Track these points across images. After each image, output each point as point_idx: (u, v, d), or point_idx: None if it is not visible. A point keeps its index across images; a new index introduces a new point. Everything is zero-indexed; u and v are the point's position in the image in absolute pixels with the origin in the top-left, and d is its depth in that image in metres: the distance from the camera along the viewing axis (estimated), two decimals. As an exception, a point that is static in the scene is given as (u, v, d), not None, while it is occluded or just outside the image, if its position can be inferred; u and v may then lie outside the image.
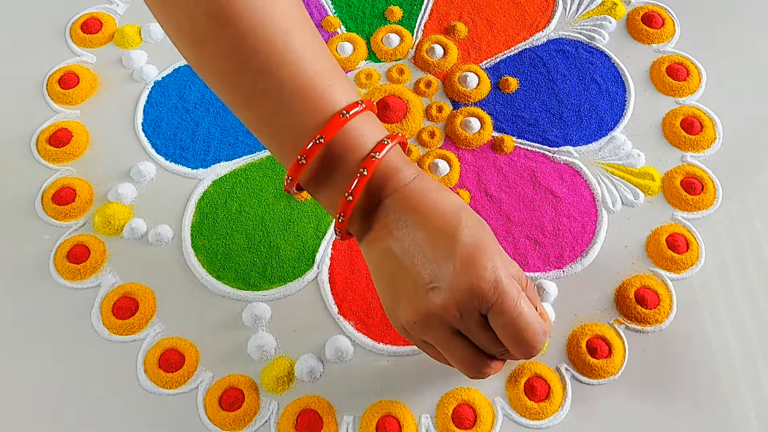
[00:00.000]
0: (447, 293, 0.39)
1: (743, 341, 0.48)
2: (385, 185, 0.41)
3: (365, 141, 0.41)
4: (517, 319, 0.39)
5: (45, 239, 0.53)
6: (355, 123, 0.40)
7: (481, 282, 0.39)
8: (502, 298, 0.39)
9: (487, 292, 0.39)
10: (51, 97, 0.60)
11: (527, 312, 0.40)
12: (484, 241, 0.40)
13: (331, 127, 0.39)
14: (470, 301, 0.39)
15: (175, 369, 0.48)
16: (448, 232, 0.40)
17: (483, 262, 0.39)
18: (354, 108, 0.40)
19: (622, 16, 0.62)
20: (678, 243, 0.51)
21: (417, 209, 0.41)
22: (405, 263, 0.40)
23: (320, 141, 0.39)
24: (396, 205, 0.41)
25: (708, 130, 0.56)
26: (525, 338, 0.40)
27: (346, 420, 0.47)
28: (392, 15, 0.62)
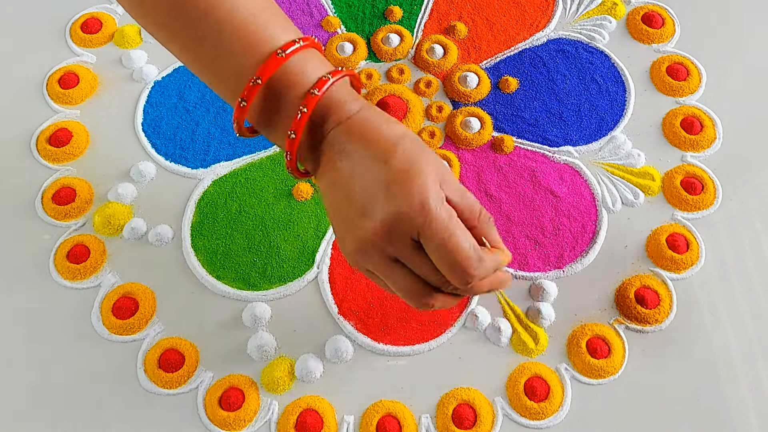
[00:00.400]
0: (376, 219, 0.38)
1: (743, 341, 0.48)
2: (327, 119, 0.41)
3: (306, 78, 0.40)
4: (447, 242, 0.38)
5: (45, 239, 0.53)
6: (294, 61, 0.40)
7: (408, 205, 0.38)
8: (429, 221, 0.38)
9: (414, 215, 0.38)
10: (51, 97, 0.60)
11: (458, 235, 0.38)
12: (417, 165, 0.39)
13: (268, 67, 0.39)
14: (398, 225, 0.38)
15: (175, 369, 0.48)
16: (382, 157, 0.39)
17: (410, 186, 0.38)
18: (291, 46, 0.40)
19: (622, 16, 0.62)
20: (678, 243, 0.51)
21: (359, 139, 0.40)
22: (347, 192, 0.40)
23: (258, 82, 0.39)
24: (339, 136, 0.40)
25: (708, 130, 0.56)
26: (457, 261, 0.38)
27: (346, 420, 0.47)
28: (392, 15, 0.62)
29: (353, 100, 0.41)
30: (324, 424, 0.46)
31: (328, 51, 0.61)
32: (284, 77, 0.40)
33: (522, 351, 0.48)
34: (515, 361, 0.48)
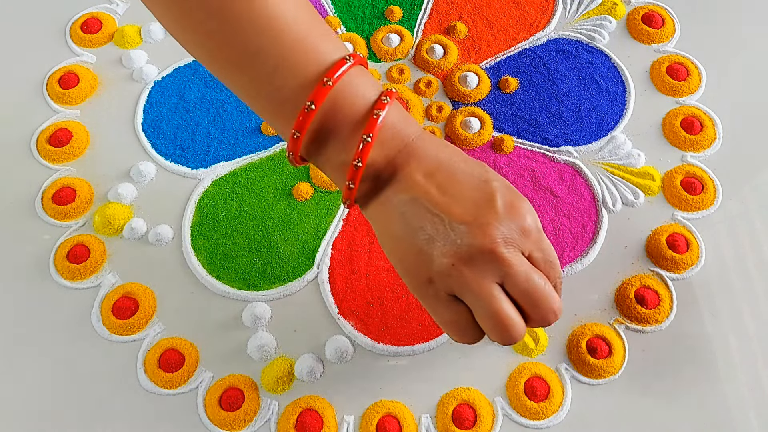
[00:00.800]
0: (491, 230, 0.37)
1: (743, 341, 0.48)
2: (395, 137, 0.39)
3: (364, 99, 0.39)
4: (553, 254, 0.40)
5: (45, 239, 0.53)
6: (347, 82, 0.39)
7: (526, 220, 0.39)
8: (542, 236, 0.40)
9: (532, 229, 0.39)
10: (51, 97, 0.60)
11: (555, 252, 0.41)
12: (515, 188, 0.40)
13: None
14: (515, 238, 0.38)
15: (175, 369, 0.48)
16: (480, 177, 0.39)
17: (524, 205, 0.39)
18: (354, 56, 0.39)
19: (622, 16, 0.62)
20: (678, 243, 0.51)
21: (437, 158, 0.39)
22: (435, 209, 0.38)
23: (328, 84, 0.38)
24: (410, 158, 0.39)
25: (708, 130, 0.56)
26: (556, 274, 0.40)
27: (346, 420, 0.47)
28: (392, 15, 0.62)
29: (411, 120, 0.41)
30: (324, 424, 0.46)
31: (328, 51, 0.61)
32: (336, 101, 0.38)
33: (522, 351, 0.48)
34: (515, 361, 0.48)
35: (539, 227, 0.40)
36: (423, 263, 0.38)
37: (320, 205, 0.54)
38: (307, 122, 0.38)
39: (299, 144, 0.39)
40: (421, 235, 0.38)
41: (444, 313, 0.39)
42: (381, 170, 0.40)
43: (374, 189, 0.40)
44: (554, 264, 0.40)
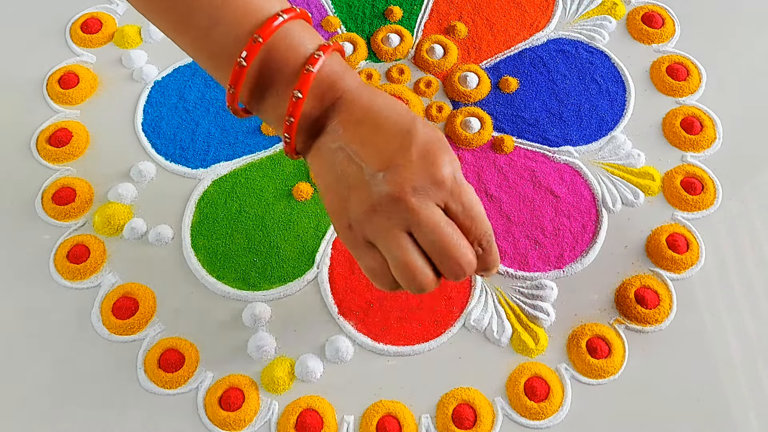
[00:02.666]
0: (400, 177, 0.38)
1: (743, 341, 0.48)
2: (330, 89, 0.40)
3: (306, 44, 0.40)
4: (475, 208, 0.39)
5: (45, 239, 0.53)
6: (290, 28, 0.39)
7: (441, 170, 0.38)
8: (462, 188, 0.39)
9: (447, 179, 0.38)
10: (51, 97, 0.60)
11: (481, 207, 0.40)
12: (441, 140, 0.39)
13: (268, 28, 0.38)
14: (426, 186, 0.38)
15: (175, 369, 0.48)
16: (402, 127, 0.39)
17: (442, 156, 0.39)
18: (289, 12, 0.39)
19: (622, 16, 0.62)
20: (678, 243, 0.51)
21: (368, 109, 0.40)
22: (355, 158, 0.39)
23: (258, 40, 0.38)
24: (344, 107, 0.40)
25: (708, 130, 0.56)
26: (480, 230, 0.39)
27: (346, 420, 0.47)
28: (392, 15, 0.62)
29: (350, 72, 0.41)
30: (324, 424, 0.46)
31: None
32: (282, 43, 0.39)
33: (522, 351, 0.48)
34: (515, 361, 0.48)
35: (458, 179, 0.39)
36: (344, 209, 0.39)
37: (320, 205, 0.54)
38: (241, 77, 0.39)
39: (236, 98, 0.40)
40: (344, 183, 0.39)
41: (362, 258, 0.40)
42: (316, 121, 0.41)
43: (311, 138, 0.41)
44: (476, 219, 0.39)
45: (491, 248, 0.41)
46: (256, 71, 0.40)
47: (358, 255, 0.40)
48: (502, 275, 0.51)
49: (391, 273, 0.39)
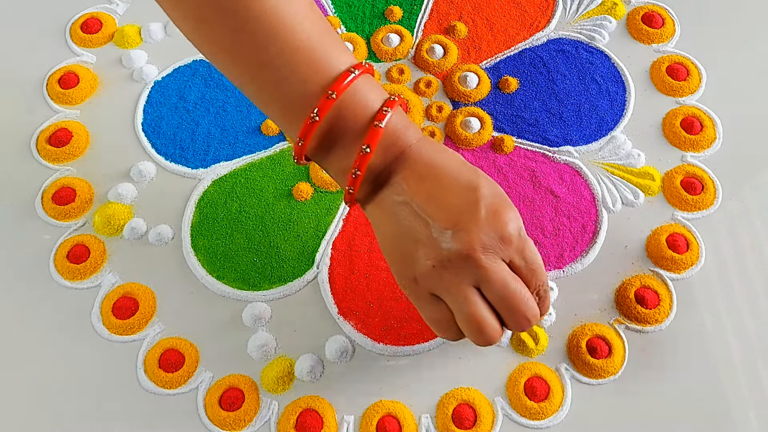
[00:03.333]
0: (470, 236, 0.39)
1: (743, 341, 0.48)
2: (395, 142, 0.41)
3: (372, 99, 0.41)
4: (536, 261, 0.41)
5: (45, 239, 0.53)
6: (360, 82, 0.41)
7: (508, 228, 0.40)
8: (526, 244, 0.41)
9: (513, 237, 0.40)
10: (51, 97, 0.60)
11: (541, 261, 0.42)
12: (504, 197, 0.41)
13: (341, 83, 0.40)
14: (495, 245, 0.39)
15: (175, 369, 0.48)
16: (469, 185, 0.40)
17: (508, 213, 0.40)
18: (359, 68, 0.41)
19: (622, 16, 0.62)
20: (678, 243, 0.51)
21: (431, 165, 0.41)
22: (421, 213, 0.40)
23: (332, 97, 0.39)
24: (408, 161, 0.41)
25: (708, 130, 0.56)
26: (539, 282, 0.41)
27: (346, 420, 0.47)
28: (392, 15, 0.62)
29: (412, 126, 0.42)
30: (324, 424, 0.46)
31: (328, 51, 0.61)
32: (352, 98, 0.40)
33: (522, 351, 0.48)
34: (515, 361, 0.48)
35: (522, 235, 0.41)
36: (409, 263, 0.41)
37: (320, 205, 0.54)
38: (311, 132, 0.40)
39: (303, 150, 0.41)
40: (410, 237, 0.40)
41: (427, 310, 0.41)
42: (379, 174, 0.42)
43: (373, 191, 0.42)
44: (537, 272, 0.41)
45: (547, 296, 0.43)
46: (326, 125, 0.41)
47: (422, 307, 0.42)
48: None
49: (456, 324, 0.41)
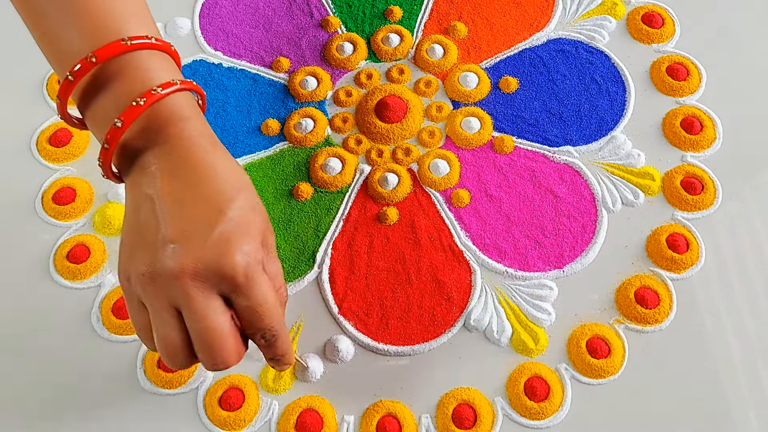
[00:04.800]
0: (188, 258, 0.36)
1: (743, 341, 0.48)
2: (164, 127, 0.38)
3: (151, 75, 0.39)
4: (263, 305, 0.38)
5: (45, 239, 0.53)
6: (141, 55, 0.39)
7: (232, 261, 0.36)
8: (252, 283, 0.37)
9: (237, 273, 0.36)
10: (51, 97, 0.60)
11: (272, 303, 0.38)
12: (249, 226, 0.38)
13: (107, 49, 0.38)
14: (209, 276, 0.36)
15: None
16: (217, 202, 0.37)
17: (241, 245, 0.37)
18: (140, 39, 0.39)
19: (622, 16, 0.62)
20: (678, 243, 0.51)
21: (196, 167, 0.38)
22: (159, 215, 0.37)
23: (91, 60, 0.38)
24: (173, 153, 0.38)
25: (708, 130, 0.56)
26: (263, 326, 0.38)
27: (346, 420, 0.47)
28: (392, 15, 0.62)
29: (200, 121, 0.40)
30: (324, 424, 0.46)
31: (328, 51, 0.61)
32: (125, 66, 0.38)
33: (522, 351, 0.48)
34: (515, 361, 0.48)
35: (251, 273, 0.37)
36: (130, 260, 0.38)
37: (320, 205, 0.54)
38: (68, 91, 0.39)
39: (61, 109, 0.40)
40: (141, 235, 0.38)
41: (132, 313, 0.39)
42: (136, 154, 0.39)
43: (130, 168, 0.40)
44: (261, 314, 0.38)
45: (276, 343, 0.39)
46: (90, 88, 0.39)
47: (129, 307, 0.39)
48: (502, 275, 0.51)
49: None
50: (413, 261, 0.51)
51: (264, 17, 0.63)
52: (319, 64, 0.60)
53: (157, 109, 0.38)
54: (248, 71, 0.60)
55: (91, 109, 0.40)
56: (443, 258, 0.51)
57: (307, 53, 0.61)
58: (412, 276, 0.51)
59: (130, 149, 0.39)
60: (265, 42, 0.62)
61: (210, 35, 0.63)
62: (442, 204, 0.54)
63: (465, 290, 0.50)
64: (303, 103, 0.59)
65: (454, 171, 0.55)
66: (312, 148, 0.56)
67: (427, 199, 0.54)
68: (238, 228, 0.37)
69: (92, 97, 0.39)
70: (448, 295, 0.50)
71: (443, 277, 0.51)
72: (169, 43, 0.40)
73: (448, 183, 0.54)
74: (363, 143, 0.56)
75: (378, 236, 0.53)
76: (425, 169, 0.55)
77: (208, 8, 0.64)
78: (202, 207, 0.37)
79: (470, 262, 0.51)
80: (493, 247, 0.52)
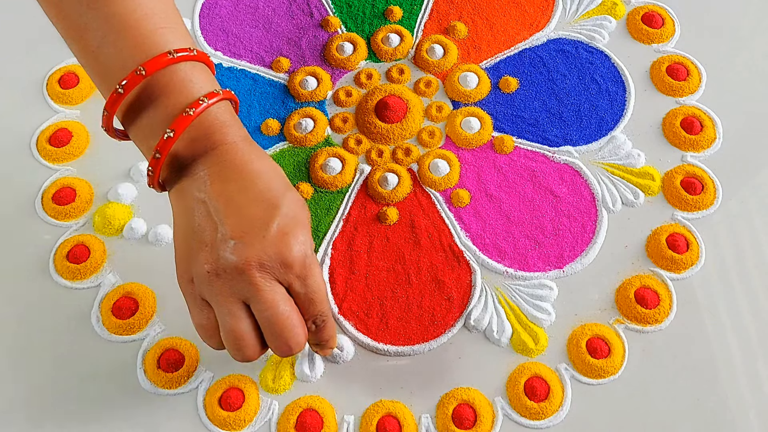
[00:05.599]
0: (251, 251, 0.38)
1: (743, 341, 0.48)
2: (211, 135, 0.40)
3: (197, 86, 0.40)
4: (318, 292, 0.41)
5: (45, 239, 0.53)
6: (185, 67, 0.40)
7: (292, 252, 0.39)
8: (309, 271, 0.40)
9: (296, 262, 0.39)
10: (51, 97, 0.60)
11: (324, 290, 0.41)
12: (302, 220, 0.40)
13: (155, 62, 0.39)
14: (274, 266, 0.39)
15: (175, 369, 0.48)
16: (271, 200, 0.40)
17: (297, 236, 0.39)
18: (183, 52, 0.40)
19: (622, 15, 0.62)
20: (678, 243, 0.51)
21: (244, 169, 0.40)
22: (215, 215, 0.39)
23: (141, 73, 0.39)
24: (221, 158, 0.40)
25: (708, 130, 0.56)
26: (316, 312, 0.41)
27: (346, 420, 0.47)
28: (392, 15, 0.62)
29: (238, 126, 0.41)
30: (324, 424, 0.46)
31: (328, 51, 0.61)
32: (169, 79, 0.40)
33: (522, 351, 0.48)
34: (515, 361, 0.48)
35: (308, 262, 0.40)
36: (190, 262, 0.40)
37: (320, 205, 0.54)
38: (116, 105, 0.40)
39: (107, 122, 0.41)
40: (198, 237, 0.40)
41: (195, 314, 0.41)
42: (185, 163, 0.41)
43: (177, 178, 0.41)
44: (315, 301, 0.41)
45: (325, 327, 0.43)
46: (136, 101, 0.40)
47: (191, 309, 0.41)
48: (501, 275, 0.51)
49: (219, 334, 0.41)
50: (413, 261, 0.51)
51: (264, 17, 0.63)
52: (319, 64, 0.60)
53: (203, 118, 0.40)
54: (248, 71, 0.60)
55: (139, 121, 0.41)
56: (443, 258, 0.51)
57: (307, 53, 0.61)
58: (412, 276, 0.51)
59: (178, 158, 0.41)
60: (265, 42, 0.62)
61: (210, 35, 0.63)
62: (442, 204, 0.54)
63: (465, 290, 0.50)
64: (303, 103, 0.59)
65: (454, 171, 0.55)
66: (312, 148, 0.56)
67: (427, 199, 0.54)
68: (292, 221, 0.40)
69: (140, 109, 0.40)
70: (448, 295, 0.50)
71: (443, 277, 0.51)
72: (205, 53, 0.42)
73: (448, 183, 0.54)
74: (363, 143, 0.56)
75: (378, 236, 0.53)
76: (425, 169, 0.55)
77: (208, 8, 0.64)
78: (256, 205, 0.39)
79: (470, 262, 0.51)
80: (493, 247, 0.52)
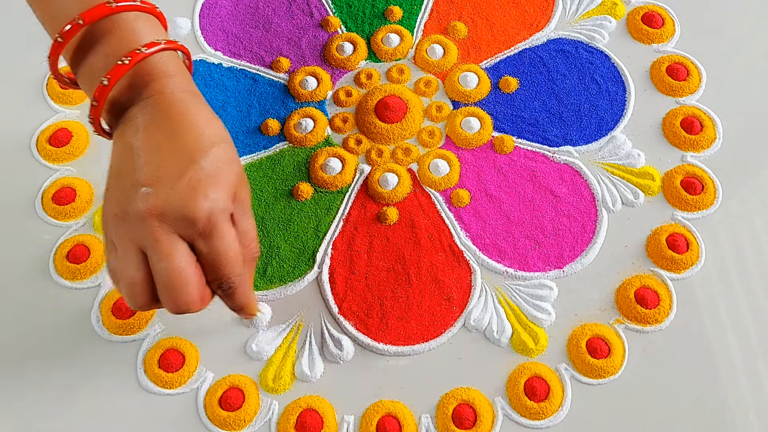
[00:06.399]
0: (157, 200, 0.38)
1: (743, 341, 0.48)
2: (149, 84, 0.41)
3: (136, 36, 0.41)
4: (223, 256, 0.39)
5: (45, 239, 0.53)
6: (127, 17, 0.41)
7: (196, 207, 0.38)
8: (214, 230, 0.39)
9: (199, 219, 0.38)
10: (51, 97, 0.60)
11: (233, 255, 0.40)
12: (220, 176, 0.39)
13: (93, 12, 0.40)
14: (176, 219, 0.38)
15: (175, 369, 0.48)
16: (192, 152, 0.39)
17: (207, 193, 0.38)
18: (125, 2, 0.41)
19: (622, 15, 0.62)
20: (678, 243, 0.51)
21: (175, 119, 0.40)
22: (136, 161, 0.39)
23: (78, 22, 0.40)
24: (156, 107, 0.40)
25: (708, 130, 0.56)
26: (221, 275, 0.40)
27: (346, 420, 0.47)
28: (392, 15, 0.62)
29: (184, 78, 0.42)
30: (324, 424, 0.46)
31: (328, 51, 0.61)
32: (111, 27, 0.40)
33: (522, 351, 0.48)
34: (515, 361, 0.48)
35: (214, 221, 0.38)
36: (107, 203, 0.40)
37: (320, 205, 0.54)
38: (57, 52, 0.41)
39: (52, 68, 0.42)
40: (120, 180, 0.40)
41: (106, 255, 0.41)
42: (124, 109, 0.41)
43: (117, 123, 0.42)
44: (220, 264, 0.39)
45: (234, 293, 0.41)
46: (77, 50, 0.41)
47: (105, 249, 0.41)
48: (501, 275, 0.51)
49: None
50: (413, 261, 0.51)
51: (264, 17, 0.63)
52: (319, 64, 0.60)
53: (142, 67, 0.41)
54: (248, 71, 0.60)
55: (81, 69, 0.42)
56: (443, 258, 0.51)
57: (307, 53, 0.61)
58: (412, 276, 0.51)
59: (118, 105, 0.41)
60: (265, 42, 0.62)
61: (210, 35, 0.63)
62: (442, 204, 0.54)
63: (465, 290, 0.50)
64: (303, 103, 0.59)
65: (454, 171, 0.55)
66: (312, 148, 0.56)
67: (427, 199, 0.54)
68: (207, 177, 0.39)
69: (81, 57, 0.41)
70: (448, 295, 0.50)
71: (443, 277, 0.51)
72: (154, 5, 0.42)
73: (448, 183, 0.54)
74: (363, 143, 0.56)
75: (378, 236, 0.53)
76: (425, 169, 0.55)
77: (208, 8, 0.64)
78: (177, 155, 0.39)
79: (470, 262, 0.51)
80: (493, 247, 0.52)
